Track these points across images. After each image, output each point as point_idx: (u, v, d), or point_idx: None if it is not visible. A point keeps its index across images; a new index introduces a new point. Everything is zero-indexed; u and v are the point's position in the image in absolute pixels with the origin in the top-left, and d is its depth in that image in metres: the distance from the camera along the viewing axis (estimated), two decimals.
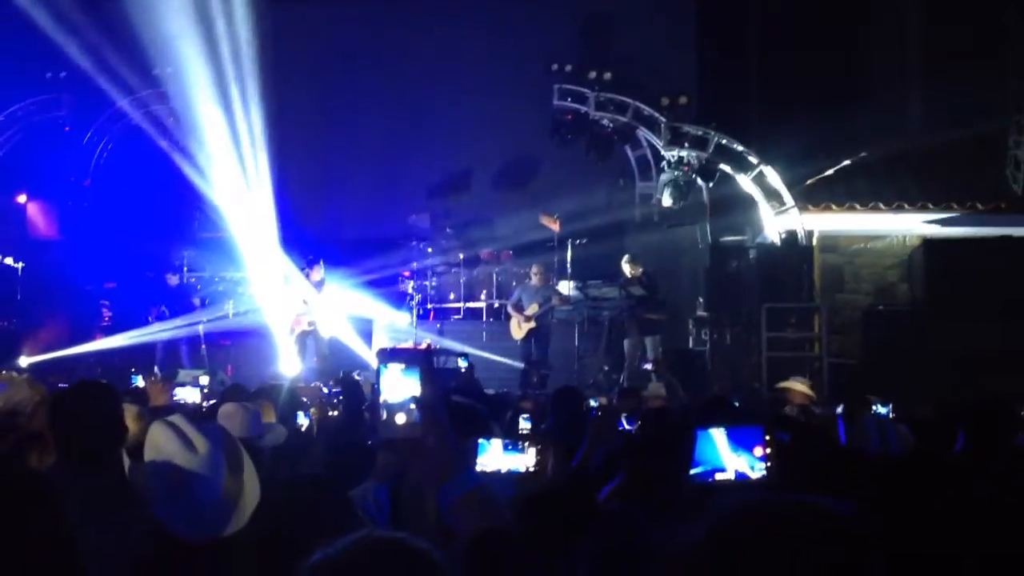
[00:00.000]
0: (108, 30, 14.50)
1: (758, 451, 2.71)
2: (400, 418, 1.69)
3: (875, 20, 15.52)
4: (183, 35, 14.47)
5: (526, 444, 3.61)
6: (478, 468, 3.53)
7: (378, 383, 1.71)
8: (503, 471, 3.56)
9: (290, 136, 15.87)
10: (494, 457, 3.57)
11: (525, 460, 3.58)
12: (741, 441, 2.72)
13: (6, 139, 16.14)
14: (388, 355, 1.73)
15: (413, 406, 1.69)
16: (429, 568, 1.34)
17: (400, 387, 1.70)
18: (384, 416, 1.70)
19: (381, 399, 1.70)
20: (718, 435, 2.73)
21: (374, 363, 9.75)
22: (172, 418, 3.12)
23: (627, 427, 5.38)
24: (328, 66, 17.33)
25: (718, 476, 2.70)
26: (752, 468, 2.70)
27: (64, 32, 14.47)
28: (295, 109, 16.04)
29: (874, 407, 6.75)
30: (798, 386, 9.56)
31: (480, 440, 3.58)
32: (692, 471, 2.68)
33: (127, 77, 15.33)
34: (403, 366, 1.71)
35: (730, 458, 2.71)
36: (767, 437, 2.70)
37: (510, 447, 3.58)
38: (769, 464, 2.69)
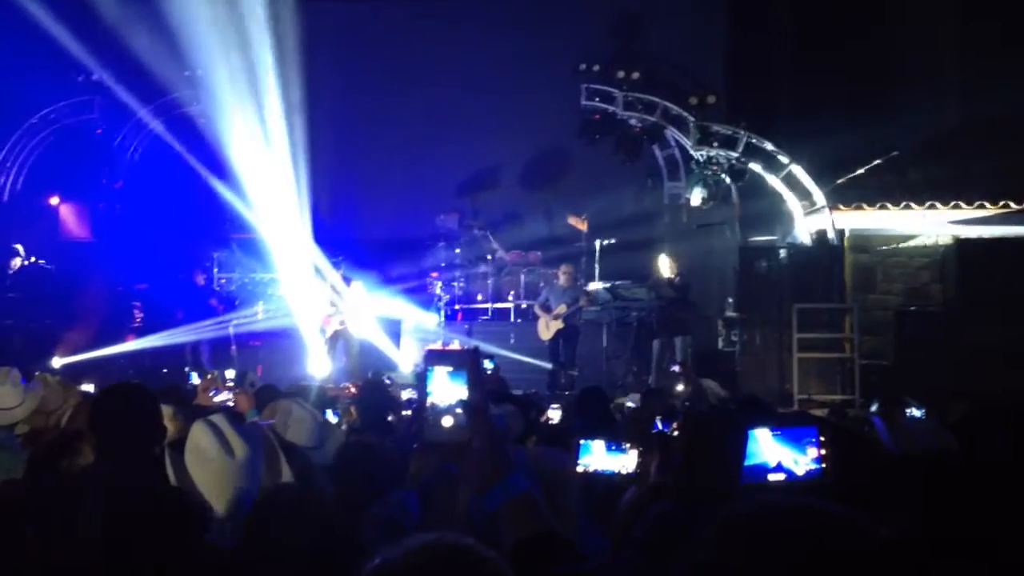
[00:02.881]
0: (139, 33, 14.61)
1: (812, 452, 2.68)
2: (446, 421, 1.67)
3: (908, 16, 15.36)
4: (213, 38, 14.56)
5: (628, 446, 3.57)
6: (580, 468, 3.50)
7: (425, 385, 1.69)
8: (604, 472, 3.52)
9: (316, 137, 15.91)
10: (598, 458, 3.53)
11: (627, 462, 3.54)
12: (794, 441, 2.68)
13: (39, 142, 16.32)
14: (436, 357, 1.71)
15: (460, 410, 1.67)
16: None
17: (448, 390, 1.68)
18: (430, 419, 1.68)
19: (428, 402, 1.69)
20: (770, 435, 2.69)
21: (403, 364, 9.83)
22: (214, 418, 3.12)
23: (661, 428, 5.34)
24: (355, 66, 17.37)
25: (770, 477, 2.66)
26: (806, 469, 2.67)
27: (95, 35, 14.60)
28: (322, 110, 16.07)
29: (908, 410, 6.68)
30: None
31: (582, 440, 3.55)
32: (744, 471, 2.64)
33: (158, 80, 15.45)
34: (450, 368, 1.69)
35: (782, 458, 2.68)
36: (821, 438, 2.66)
37: (613, 448, 3.55)
38: (824, 465, 2.66)
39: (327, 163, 16.23)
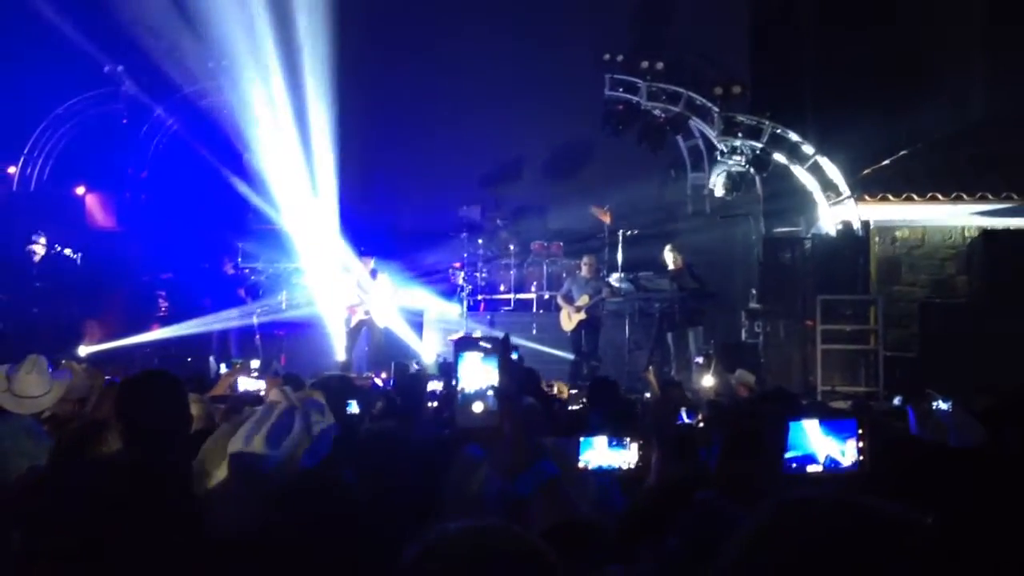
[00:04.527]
0: (164, 23, 14.68)
1: (851, 443, 2.67)
2: (477, 407, 1.68)
3: (934, 7, 15.23)
4: (238, 28, 14.62)
5: (628, 440, 3.58)
6: (581, 464, 3.51)
7: (456, 372, 1.70)
8: (606, 467, 3.54)
9: (340, 127, 15.95)
10: (599, 453, 3.55)
11: (627, 457, 3.55)
12: (838, 433, 2.68)
13: (65, 132, 16.48)
14: (466, 344, 1.71)
15: (491, 393, 1.67)
16: (545, 566, 1.30)
17: (478, 376, 1.69)
18: (461, 405, 1.69)
19: (459, 388, 1.69)
20: (810, 426, 2.69)
21: (425, 354, 9.84)
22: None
23: (686, 420, 5.33)
24: (379, 56, 17.40)
25: (809, 468, 2.67)
26: (845, 461, 2.67)
27: (121, 25, 14.69)
28: (345, 100, 16.10)
29: (935, 402, 6.61)
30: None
31: (583, 437, 3.57)
32: (784, 463, 2.64)
33: (183, 70, 15.54)
34: (481, 355, 1.70)
35: (822, 450, 2.68)
36: (860, 430, 2.66)
37: (615, 443, 3.56)
38: (862, 457, 2.65)
39: (350, 154, 16.26)
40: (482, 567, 1.27)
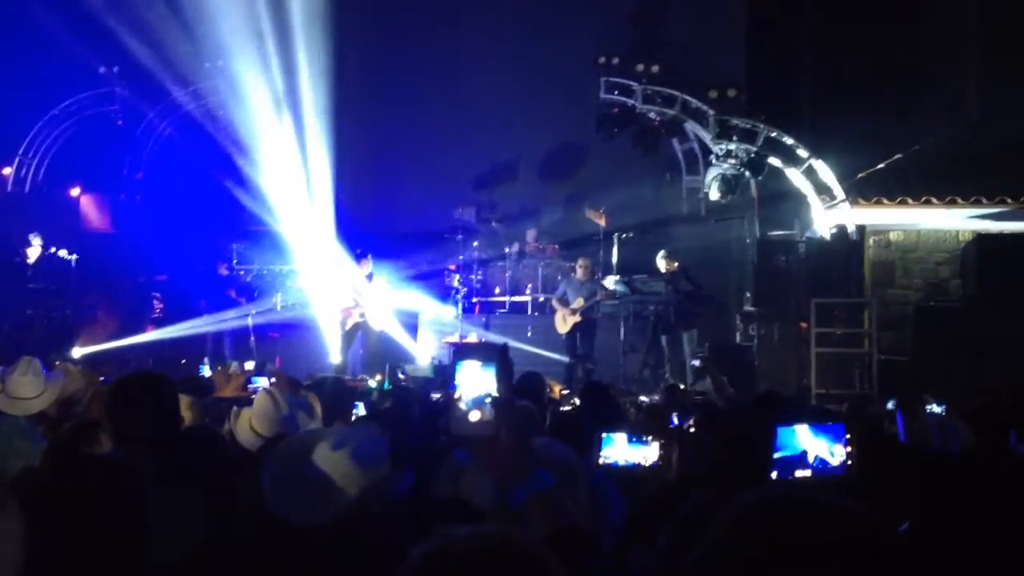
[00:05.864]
0: (160, 24, 14.69)
1: (839, 449, 2.68)
2: (474, 415, 1.67)
3: (931, 11, 15.26)
4: (234, 30, 14.62)
5: (650, 438, 3.58)
6: (602, 461, 3.51)
7: (454, 379, 1.70)
8: (625, 464, 3.54)
9: (336, 130, 15.94)
10: (619, 449, 3.55)
11: (648, 454, 3.55)
12: (825, 436, 2.69)
13: (60, 133, 16.46)
14: (464, 351, 1.72)
15: (489, 400, 1.67)
16: (548, 574, 1.30)
17: (476, 383, 1.69)
18: (458, 412, 1.69)
19: (457, 395, 1.69)
20: (801, 430, 2.70)
21: (420, 357, 9.83)
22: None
23: (678, 423, 5.34)
24: (375, 58, 17.39)
25: (798, 471, 2.68)
26: (834, 463, 2.68)
27: (117, 27, 14.69)
28: (341, 102, 16.09)
29: (929, 406, 6.64)
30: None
31: (605, 433, 3.57)
32: (773, 468, 2.65)
33: (179, 71, 15.54)
34: (480, 363, 1.70)
35: (812, 453, 2.69)
36: (848, 434, 2.67)
37: (635, 440, 3.56)
38: (850, 463, 2.66)
39: (346, 156, 16.26)
40: (485, 574, 1.28)
